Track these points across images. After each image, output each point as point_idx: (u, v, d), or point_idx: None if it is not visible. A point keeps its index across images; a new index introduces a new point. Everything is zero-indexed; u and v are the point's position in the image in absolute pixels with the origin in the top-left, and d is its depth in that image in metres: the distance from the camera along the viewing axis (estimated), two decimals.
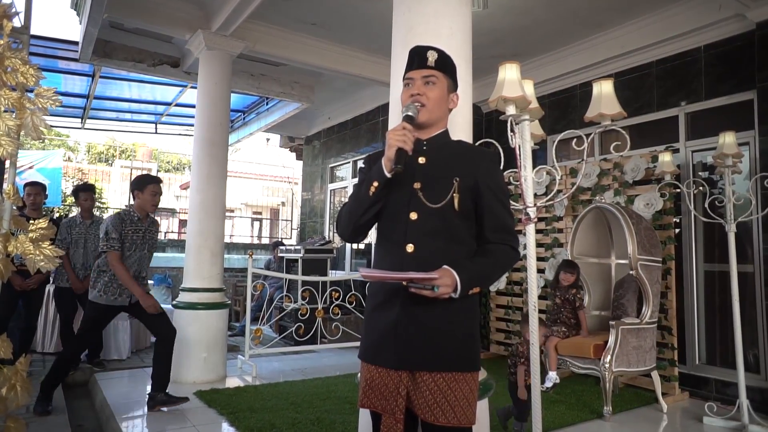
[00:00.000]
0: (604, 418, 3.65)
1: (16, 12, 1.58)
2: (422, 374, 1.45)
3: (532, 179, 2.35)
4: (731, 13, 4.11)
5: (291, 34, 5.28)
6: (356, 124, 7.98)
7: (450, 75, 1.61)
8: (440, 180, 1.52)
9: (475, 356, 1.53)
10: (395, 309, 1.48)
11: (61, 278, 4.68)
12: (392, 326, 1.48)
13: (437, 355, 1.45)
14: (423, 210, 1.50)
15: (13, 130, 1.52)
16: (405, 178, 1.52)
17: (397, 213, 1.53)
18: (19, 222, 1.59)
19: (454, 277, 1.40)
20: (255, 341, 5.04)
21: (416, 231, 1.50)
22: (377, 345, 1.51)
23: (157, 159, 15.90)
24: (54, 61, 6.04)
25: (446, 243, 1.50)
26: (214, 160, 4.74)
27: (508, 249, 1.53)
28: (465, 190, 1.51)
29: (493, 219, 1.53)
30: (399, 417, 1.43)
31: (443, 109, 1.60)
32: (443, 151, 1.59)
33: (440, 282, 1.38)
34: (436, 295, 1.38)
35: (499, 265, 1.54)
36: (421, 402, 1.44)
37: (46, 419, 3.44)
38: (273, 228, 16.66)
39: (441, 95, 1.57)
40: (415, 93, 1.55)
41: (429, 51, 1.57)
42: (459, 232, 1.52)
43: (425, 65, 1.56)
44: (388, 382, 1.47)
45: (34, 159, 10.13)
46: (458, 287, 1.40)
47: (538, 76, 5.35)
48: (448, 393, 1.43)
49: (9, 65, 1.53)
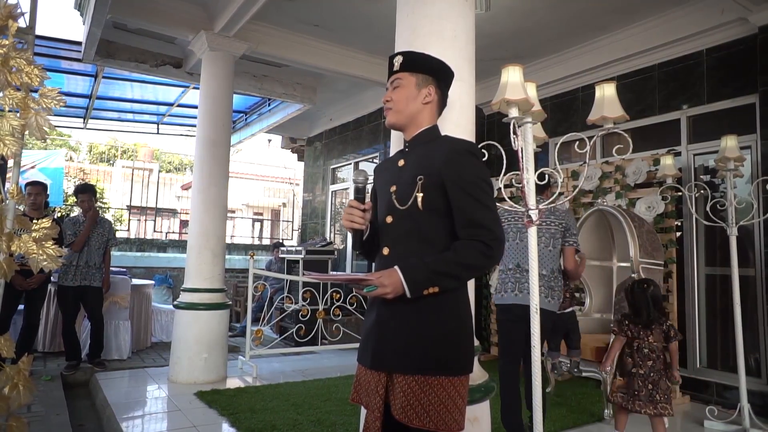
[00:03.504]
0: (605, 421, 3.65)
1: (21, 12, 1.59)
2: (397, 375, 1.45)
3: (535, 181, 2.35)
4: (734, 17, 4.11)
5: (294, 36, 5.29)
6: (358, 126, 7.98)
7: (418, 71, 1.58)
8: (408, 180, 1.52)
9: (453, 359, 1.44)
10: (375, 310, 1.52)
11: (64, 277, 4.68)
12: (373, 327, 1.51)
13: (409, 357, 1.43)
14: (396, 213, 1.52)
15: (17, 129, 1.52)
16: (387, 183, 1.59)
17: (381, 218, 1.58)
18: (22, 221, 1.60)
19: (396, 278, 1.38)
20: (256, 342, 5.04)
21: (391, 234, 1.53)
22: (362, 345, 1.56)
23: (158, 159, 15.90)
24: (57, 62, 6.05)
25: (418, 244, 1.48)
26: (216, 161, 4.75)
27: (477, 244, 1.41)
28: (430, 187, 1.47)
29: (459, 214, 1.45)
30: (377, 415, 1.45)
31: (413, 106, 1.57)
32: (421, 149, 1.57)
33: (377, 282, 1.38)
34: (373, 295, 1.41)
35: (462, 262, 1.41)
36: (395, 402, 1.43)
37: (47, 419, 3.44)
38: (274, 229, 16.67)
39: (406, 94, 1.57)
40: (384, 101, 1.62)
41: (395, 57, 1.62)
42: (429, 232, 1.48)
43: (392, 71, 1.62)
44: (369, 381, 1.50)
45: (36, 159, 10.15)
46: (404, 288, 1.38)
47: (540, 79, 5.36)
48: (421, 396, 1.40)
49: (14, 65, 1.53)
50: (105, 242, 4.93)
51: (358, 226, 1.51)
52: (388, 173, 1.64)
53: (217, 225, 4.71)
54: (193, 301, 4.52)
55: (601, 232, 4.65)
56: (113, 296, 5.30)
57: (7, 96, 1.52)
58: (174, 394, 4.07)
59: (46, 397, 3.87)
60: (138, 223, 12.91)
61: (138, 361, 5.26)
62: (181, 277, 5.25)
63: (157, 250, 9.27)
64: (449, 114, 1.99)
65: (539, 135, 2.62)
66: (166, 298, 8.05)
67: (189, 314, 4.49)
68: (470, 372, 1.48)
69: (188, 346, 4.43)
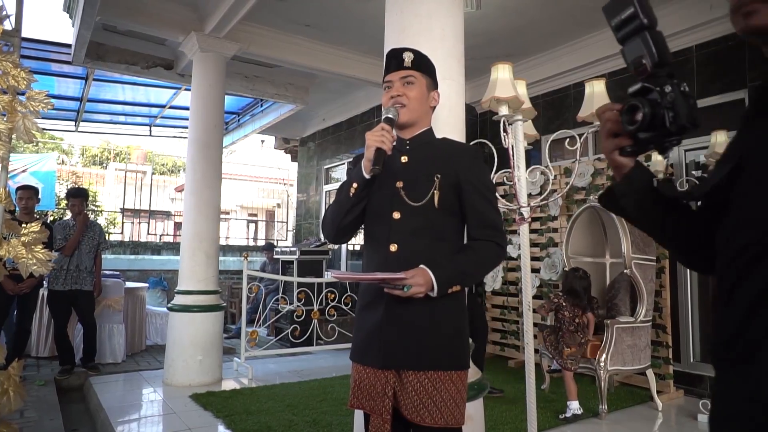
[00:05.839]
0: (600, 417, 3.67)
1: (6, 15, 1.58)
2: (408, 374, 1.44)
3: (526, 179, 2.36)
4: (722, 13, 4.13)
5: (285, 36, 5.28)
6: (351, 125, 7.98)
7: (428, 73, 1.62)
8: (421, 178, 1.52)
9: (462, 355, 1.52)
10: (381, 309, 1.49)
11: (54, 282, 4.65)
12: (378, 326, 1.48)
13: (422, 354, 1.45)
14: (405, 209, 1.51)
15: (4, 133, 1.51)
16: (388, 177, 1.53)
17: (381, 213, 1.54)
18: (11, 226, 1.58)
19: (428, 277, 1.39)
20: (251, 343, 5.03)
21: (399, 230, 1.50)
22: (364, 345, 1.52)
23: (151, 161, 15.84)
24: (47, 64, 6.01)
25: (429, 241, 1.49)
26: (208, 162, 4.73)
27: (493, 246, 1.51)
28: (446, 187, 1.51)
29: (476, 216, 1.52)
30: (386, 418, 1.43)
31: (424, 107, 1.60)
32: (426, 149, 1.59)
33: (412, 281, 1.38)
34: (409, 294, 1.38)
35: (481, 262, 1.52)
36: (407, 402, 1.43)
37: (41, 424, 3.42)
38: (268, 230, 16.63)
39: (420, 94, 1.58)
40: (395, 95, 1.56)
41: (405, 52, 1.59)
42: (442, 230, 1.52)
43: (402, 66, 1.58)
44: (375, 383, 1.47)
45: (27, 162, 10.07)
46: (434, 286, 1.40)
47: (532, 77, 5.37)
48: (434, 393, 1.43)
49: (0, 68, 1.52)
50: (96, 246, 4.90)
51: (386, 147, 1.44)
52: (385, 167, 1.60)
53: (210, 227, 4.69)
54: (188, 303, 4.50)
55: (594, 228, 4.67)
56: (106, 300, 5.28)
57: None
58: (169, 397, 4.05)
59: (39, 402, 3.85)
60: (132, 225, 12.85)
61: (132, 365, 5.24)
62: (176, 279, 5.23)
63: (151, 253, 9.23)
64: (440, 113, 2.00)
65: (530, 133, 2.63)
66: (160, 301, 8.00)
67: (183, 316, 4.48)
68: (469, 366, 1.55)
69: (183, 348, 4.41)
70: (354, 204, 1.52)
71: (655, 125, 0.86)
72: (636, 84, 0.91)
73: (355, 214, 1.54)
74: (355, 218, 1.56)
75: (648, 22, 0.93)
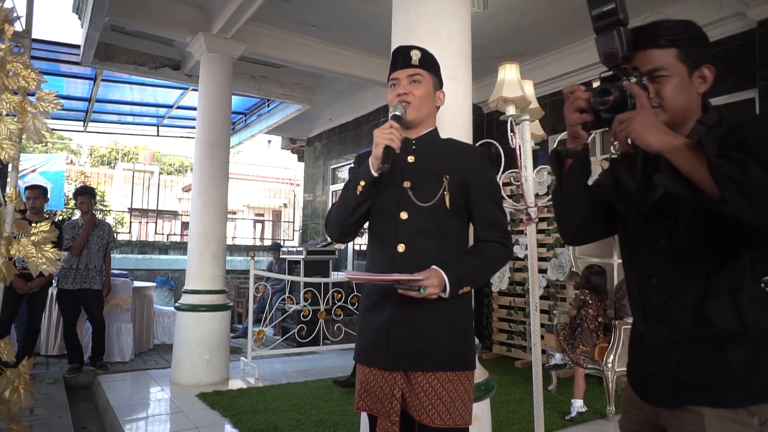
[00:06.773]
0: (607, 418, 3.65)
1: (17, 16, 1.59)
2: (416, 375, 1.44)
3: (533, 179, 2.35)
4: (732, 12, 4.10)
5: (291, 36, 5.29)
6: (357, 125, 7.98)
7: (434, 73, 1.61)
8: (430, 178, 1.51)
9: (469, 355, 1.52)
10: (388, 309, 1.47)
11: (64, 281, 4.69)
12: (385, 327, 1.47)
13: (430, 355, 1.44)
14: (413, 209, 1.49)
15: (15, 133, 1.52)
16: (394, 177, 1.51)
17: (388, 213, 1.52)
18: (21, 225, 1.60)
19: (442, 277, 1.39)
20: (257, 343, 5.05)
21: (407, 230, 1.49)
22: (371, 346, 1.50)
23: (159, 161, 15.89)
24: (56, 65, 6.06)
25: (438, 242, 1.49)
26: (215, 162, 4.75)
27: (500, 247, 1.52)
28: (455, 187, 1.50)
29: (484, 217, 1.53)
30: (394, 419, 1.42)
31: (430, 106, 1.59)
32: (433, 149, 1.58)
33: (427, 282, 1.37)
34: (424, 295, 1.38)
35: (490, 263, 1.53)
36: (416, 403, 1.42)
37: (50, 421, 3.45)
38: (275, 229, 16.67)
39: (427, 93, 1.56)
40: (401, 92, 1.54)
41: (412, 50, 1.57)
42: (450, 230, 1.52)
43: (409, 64, 1.56)
44: (382, 384, 1.46)
45: (36, 162, 10.17)
46: (447, 287, 1.39)
47: (539, 76, 5.35)
48: (442, 393, 1.42)
49: (11, 69, 1.53)
50: (105, 245, 4.94)
51: (395, 145, 1.43)
52: (392, 166, 1.59)
53: (217, 226, 4.71)
54: (195, 302, 4.53)
55: None
56: (114, 299, 5.31)
57: (4, 100, 1.52)
58: (176, 396, 4.08)
59: (48, 400, 3.88)
60: (139, 225, 12.91)
61: (140, 364, 5.27)
62: (183, 279, 5.25)
63: (159, 253, 9.28)
64: (446, 113, 2.00)
65: (537, 132, 2.62)
66: (168, 300, 8.05)
67: (191, 316, 4.50)
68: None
69: (190, 347, 4.44)
70: (361, 202, 1.51)
71: (617, 108, 1.04)
72: (608, 71, 1.11)
73: (360, 213, 1.53)
74: (361, 217, 1.55)
75: (624, 18, 1.13)
